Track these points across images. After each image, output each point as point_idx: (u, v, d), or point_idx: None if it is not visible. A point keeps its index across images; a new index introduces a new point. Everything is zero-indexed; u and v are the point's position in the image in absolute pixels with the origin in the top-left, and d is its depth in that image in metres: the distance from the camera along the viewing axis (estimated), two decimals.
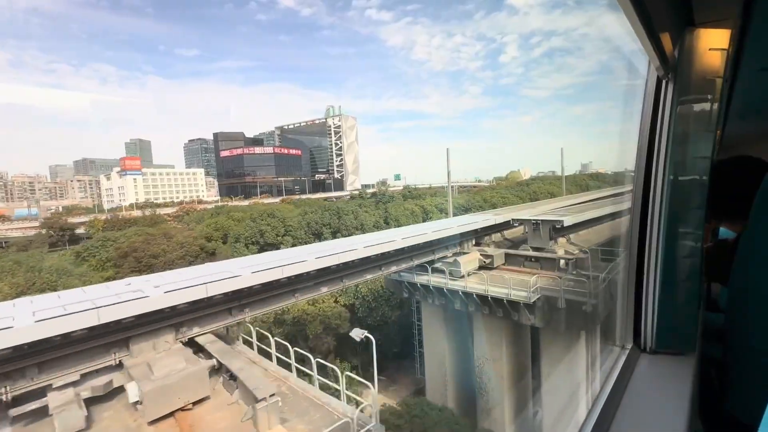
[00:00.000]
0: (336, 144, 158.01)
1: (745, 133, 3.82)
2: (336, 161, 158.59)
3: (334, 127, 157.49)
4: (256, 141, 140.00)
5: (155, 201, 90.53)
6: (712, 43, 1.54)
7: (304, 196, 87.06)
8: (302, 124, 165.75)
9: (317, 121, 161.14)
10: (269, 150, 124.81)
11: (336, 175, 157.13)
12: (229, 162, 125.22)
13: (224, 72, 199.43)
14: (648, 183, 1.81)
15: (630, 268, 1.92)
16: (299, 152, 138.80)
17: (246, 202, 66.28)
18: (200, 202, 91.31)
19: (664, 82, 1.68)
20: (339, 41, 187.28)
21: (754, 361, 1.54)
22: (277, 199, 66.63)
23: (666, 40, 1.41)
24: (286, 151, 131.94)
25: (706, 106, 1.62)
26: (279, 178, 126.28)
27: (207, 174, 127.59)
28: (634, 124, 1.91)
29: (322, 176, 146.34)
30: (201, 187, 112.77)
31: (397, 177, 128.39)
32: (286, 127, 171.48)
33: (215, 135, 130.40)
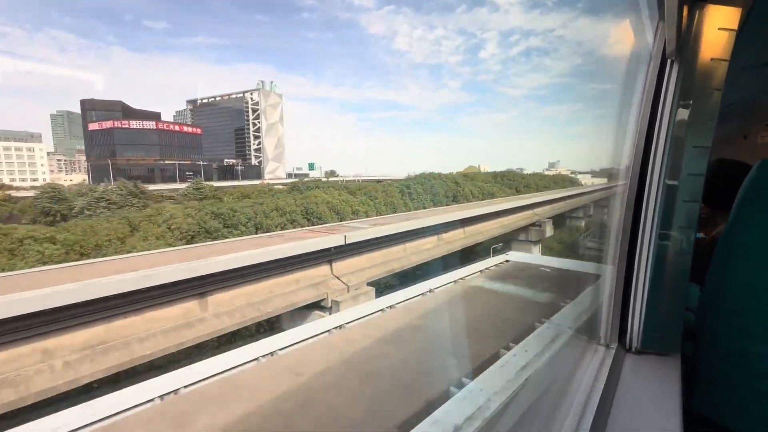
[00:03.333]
0: (254, 124, 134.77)
1: (724, 133, 3.47)
2: (253, 144, 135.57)
3: (252, 104, 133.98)
4: (150, 114, 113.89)
5: None
6: (722, 22, 1.46)
7: (167, 186, 64.81)
8: (217, 99, 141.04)
9: (233, 96, 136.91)
10: (150, 125, 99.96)
11: (254, 161, 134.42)
12: (98, 137, 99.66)
13: (195, 48, 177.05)
14: (644, 173, 1.70)
15: (620, 264, 1.84)
16: (199, 131, 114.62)
17: None
18: (1, 187, 66.61)
19: (669, 62, 1.59)
20: (318, 25, 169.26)
21: (725, 360, 1.55)
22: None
23: (674, 14, 1.34)
24: (177, 128, 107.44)
25: (710, 93, 1.53)
26: (165, 161, 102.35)
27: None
28: (625, 110, 1.81)
29: (232, 161, 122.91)
30: (41, 167, 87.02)
31: (311, 167, 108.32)
32: (200, 102, 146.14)
33: (82, 102, 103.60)
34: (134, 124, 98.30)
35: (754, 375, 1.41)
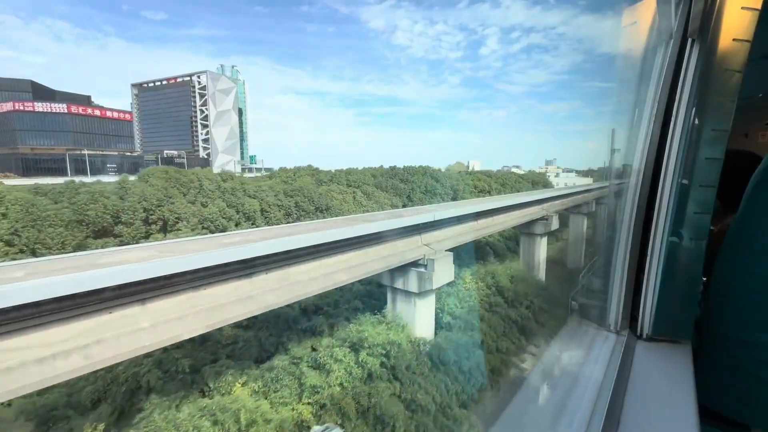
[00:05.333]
0: (201, 111, 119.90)
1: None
2: (201, 134, 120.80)
3: (199, 89, 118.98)
4: (76, 98, 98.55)
5: None
6: (745, 0, 1.41)
7: (71, 179, 49.85)
8: (163, 83, 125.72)
9: (179, 80, 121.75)
10: (60, 108, 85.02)
11: (202, 153, 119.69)
12: None
13: (192, 40, 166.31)
14: (660, 157, 1.64)
15: (632, 250, 1.81)
16: (128, 116, 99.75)
17: None
18: None
19: (690, 41, 1.54)
20: (318, 18, 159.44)
21: (732, 349, 1.53)
22: None
23: None
24: (98, 112, 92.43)
25: (731, 75, 1.48)
26: (83, 151, 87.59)
27: None
28: (639, 98, 1.76)
29: (173, 153, 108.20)
30: None
31: (252, 160, 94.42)
32: (145, 85, 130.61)
33: None
34: (39, 106, 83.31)
35: (759, 364, 1.40)
